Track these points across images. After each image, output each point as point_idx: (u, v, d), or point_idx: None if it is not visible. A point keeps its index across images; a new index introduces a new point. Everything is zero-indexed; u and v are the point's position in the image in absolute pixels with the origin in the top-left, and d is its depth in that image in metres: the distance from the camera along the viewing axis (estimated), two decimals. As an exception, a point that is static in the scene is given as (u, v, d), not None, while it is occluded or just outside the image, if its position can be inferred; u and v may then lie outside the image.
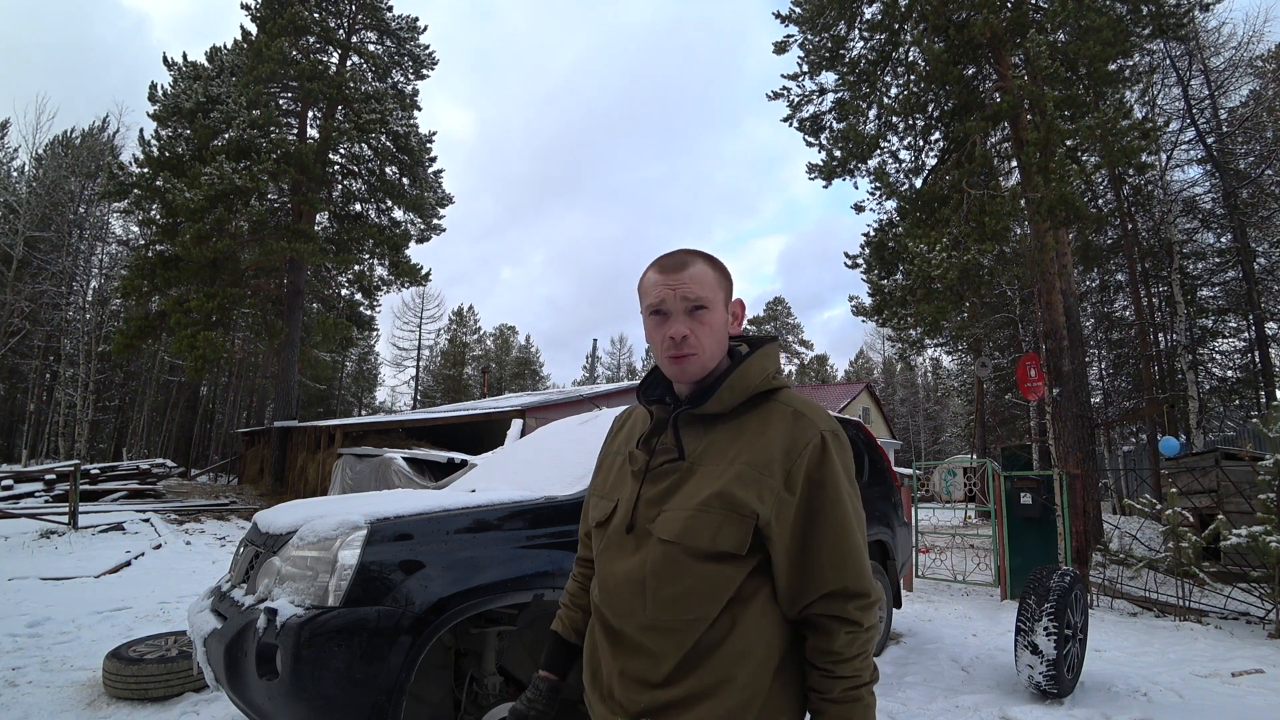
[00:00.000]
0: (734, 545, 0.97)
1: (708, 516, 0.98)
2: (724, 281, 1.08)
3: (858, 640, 0.98)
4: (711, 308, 1.04)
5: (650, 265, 1.08)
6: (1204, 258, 17.44)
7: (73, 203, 27.25)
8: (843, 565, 0.97)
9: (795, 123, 12.72)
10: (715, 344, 1.05)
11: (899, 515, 5.31)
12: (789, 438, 1.00)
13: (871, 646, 1.00)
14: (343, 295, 22.40)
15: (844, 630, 0.97)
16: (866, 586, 0.99)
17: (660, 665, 0.99)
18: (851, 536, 0.99)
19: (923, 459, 43.24)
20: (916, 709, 3.65)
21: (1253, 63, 16.78)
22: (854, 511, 1.00)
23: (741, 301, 1.12)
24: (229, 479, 23.45)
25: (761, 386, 1.05)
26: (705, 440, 1.04)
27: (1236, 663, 4.61)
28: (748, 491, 0.97)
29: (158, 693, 3.48)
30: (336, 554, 2.27)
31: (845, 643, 0.97)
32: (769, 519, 0.97)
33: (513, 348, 56.28)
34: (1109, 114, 8.76)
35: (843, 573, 0.97)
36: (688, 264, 1.04)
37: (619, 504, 1.10)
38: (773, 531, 0.98)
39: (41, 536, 8.57)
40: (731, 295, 1.10)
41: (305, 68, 17.53)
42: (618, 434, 1.25)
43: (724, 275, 1.09)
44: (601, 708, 1.07)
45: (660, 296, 1.03)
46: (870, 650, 1.00)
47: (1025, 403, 17.69)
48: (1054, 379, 9.83)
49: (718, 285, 1.06)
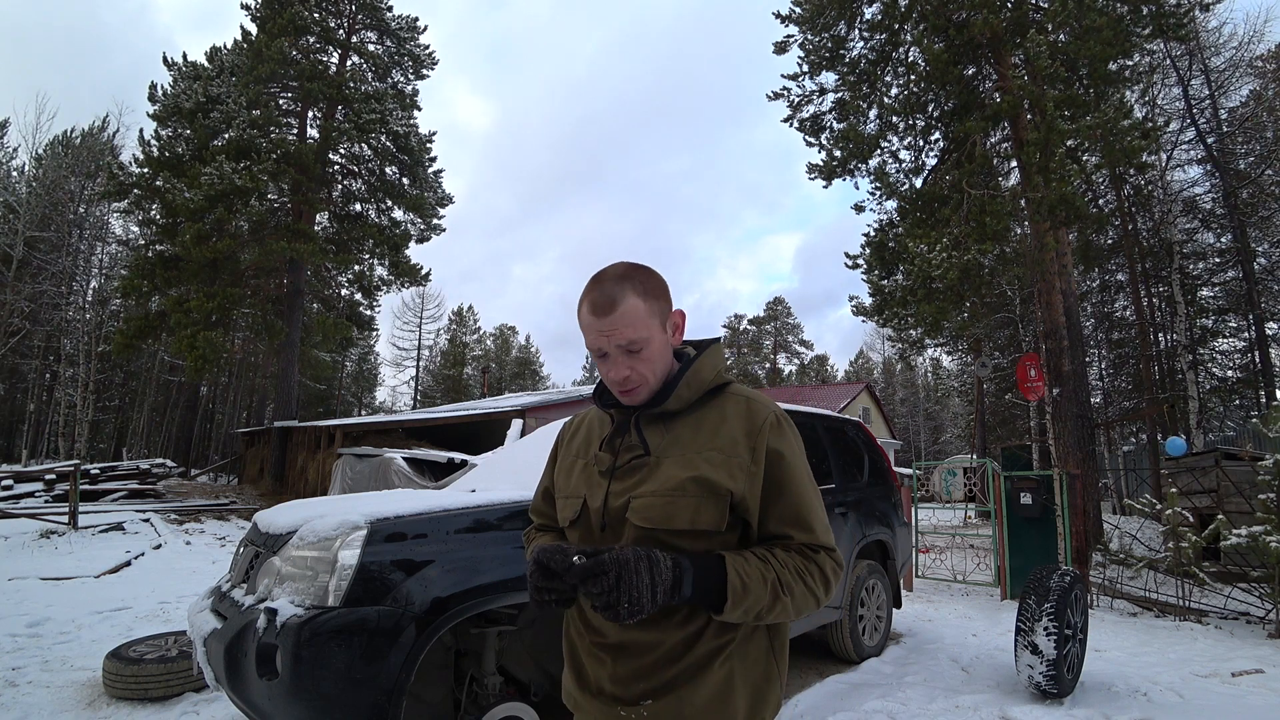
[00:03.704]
0: (712, 523, 1.05)
1: (685, 499, 1.05)
2: (658, 305, 1.09)
3: (809, 572, 1.05)
4: (648, 343, 1.07)
5: (583, 297, 1.09)
6: (1204, 258, 17.43)
7: (73, 203, 27.25)
8: (809, 523, 1.08)
9: (795, 123, 12.72)
10: (659, 368, 1.11)
11: (899, 515, 5.31)
12: (747, 421, 1.10)
13: (820, 591, 1.06)
14: (343, 295, 22.41)
15: (804, 557, 1.07)
16: (831, 541, 1.10)
17: (654, 650, 1.05)
18: (810, 497, 1.10)
19: (923, 459, 43.23)
20: (916, 709, 3.64)
21: (1253, 63, 16.77)
22: (809, 478, 1.12)
23: (681, 312, 1.15)
24: (229, 479, 23.45)
25: (714, 382, 1.15)
26: (668, 435, 1.12)
27: (1236, 663, 4.60)
28: (719, 472, 1.06)
29: (158, 693, 3.48)
30: (336, 554, 2.27)
31: (799, 564, 1.05)
32: (743, 493, 1.06)
33: (513, 348, 56.28)
34: (1109, 114, 8.75)
35: (810, 531, 1.08)
36: (617, 302, 1.04)
37: (586, 502, 1.14)
38: (748, 503, 1.07)
39: (41, 536, 8.56)
40: (670, 309, 1.13)
41: (305, 68, 17.53)
42: (572, 439, 1.28)
43: (657, 298, 1.09)
44: (594, 704, 1.10)
45: (597, 343, 1.07)
46: (814, 594, 1.05)
47: (1025, 403, 17.69)
48: (1054, 379, 9.83)
49: (650, 315, 1.07)
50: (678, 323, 1.15)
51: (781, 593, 1.01)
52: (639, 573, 0.93)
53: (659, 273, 1.13)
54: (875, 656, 4.63)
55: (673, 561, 0.98)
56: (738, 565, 1.00)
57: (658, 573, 0.95)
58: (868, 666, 4.43)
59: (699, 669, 1.05)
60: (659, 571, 0.95)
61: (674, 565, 0.97)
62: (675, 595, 0.97)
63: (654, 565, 0.95)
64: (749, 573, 1.00)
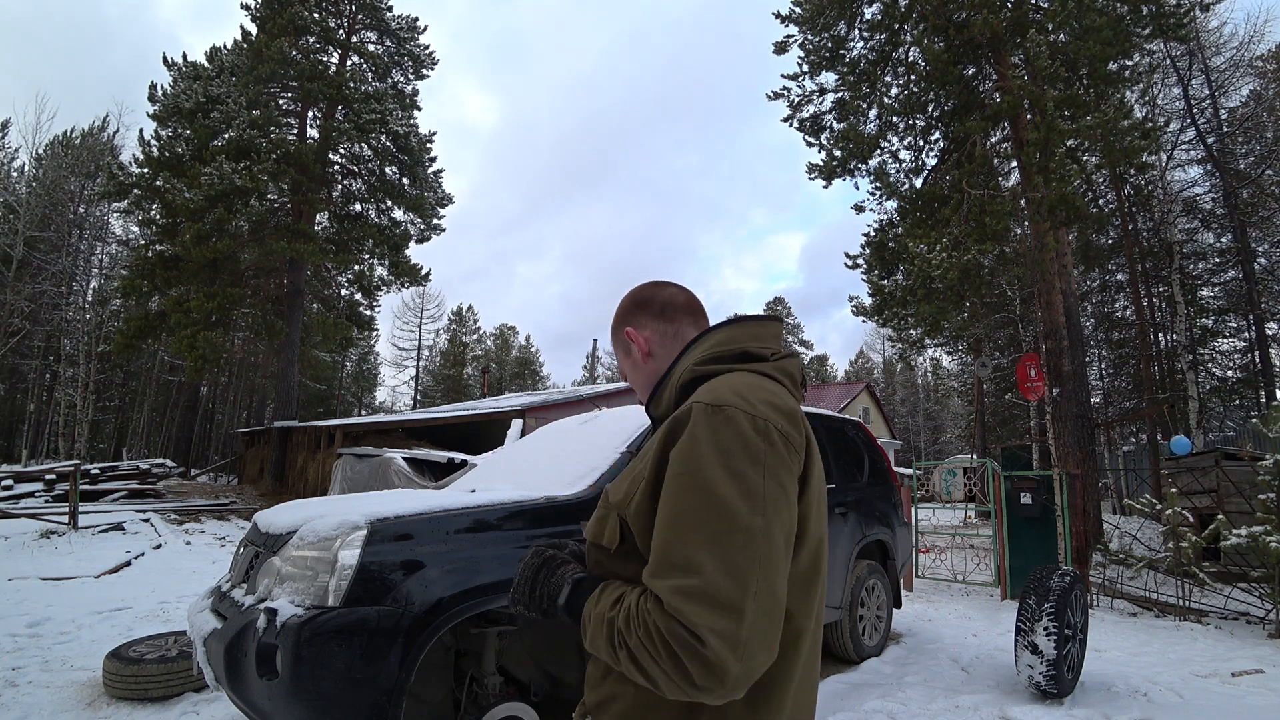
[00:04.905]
0: (608, 539, 0.94)
1: (597, 513, 1.01)
2: (618, 337, 1.17)
3: (637, 625, 0.78)
4: (625, 368, 1.17)
5: None
6: (1204, 258, 17.43)
7: (73, 203, 27.28)
8: (659, 555, 0.81)
9: (795, 123, 12.72)
10: (639, 383, 1.15)
11: (899, 515, 5.31)
12: (670, 419, 0.92)
13: (648, 661, 0.77)
14: (343, 295, 22.41)
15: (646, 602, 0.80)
16: (682, 585, 0.76)
17: (600, 664, 0.97)
18: (680, 519, 0.80)
19: (923, 459, 43.23)
20: (916, 709, 3.64)
21: (1253, 63, 16.78)
22: (701, 494, 0.80)
23: (629, 331, 1.14)
24: (229, 479, 23.44)
25: (685, 378, 1.01)
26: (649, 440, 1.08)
27: (1236, 663, 4.60)
28: (618, 484, 0.98)
29: (158, 693, 3.48)
30: (336, 554, 2.27)
31: (634, 611, 0.80)
32: (625, 507, 0.92)
33: (513, 348, 56.28)
34: (1109, 114, 8.76)
35: (654, 565, 0.81)
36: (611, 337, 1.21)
37: None
38: (629, 519, 0.91)
39: (41, 536, 8.56)
40: (624, 332, 1.15)
41: (305, 68, 17.53)
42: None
43: (616, 329, 1.17)
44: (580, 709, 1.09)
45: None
46: (638, 662, 0.78)
47: (1025, 403, 17.68)
48: (1054, 379, 9.83)
49: (616, 345, 1.19)
50: (630, 340, 1.13)
51: (617, 644, 0.81)
52: (526, 573, 0.96)
53: (629, 293, 1.18)
54: (875, 656, 4.63)
55: (570, 576, 0.94)
56: (602, 595, 0.87)
57: (547, 579, 0.94)
58: (868, 666, 4.43)
59: (609, 701, 0.93)
60: (551, 579, 0.94)
61: (568, 579, 0.94)
62: (555, 607, 0.93)
63: (549, 571, 0.95)
64: (599, 607, 0.86)
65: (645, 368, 1.12)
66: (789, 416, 0.89)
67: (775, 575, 0.80)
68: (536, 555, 0.99)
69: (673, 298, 1.14)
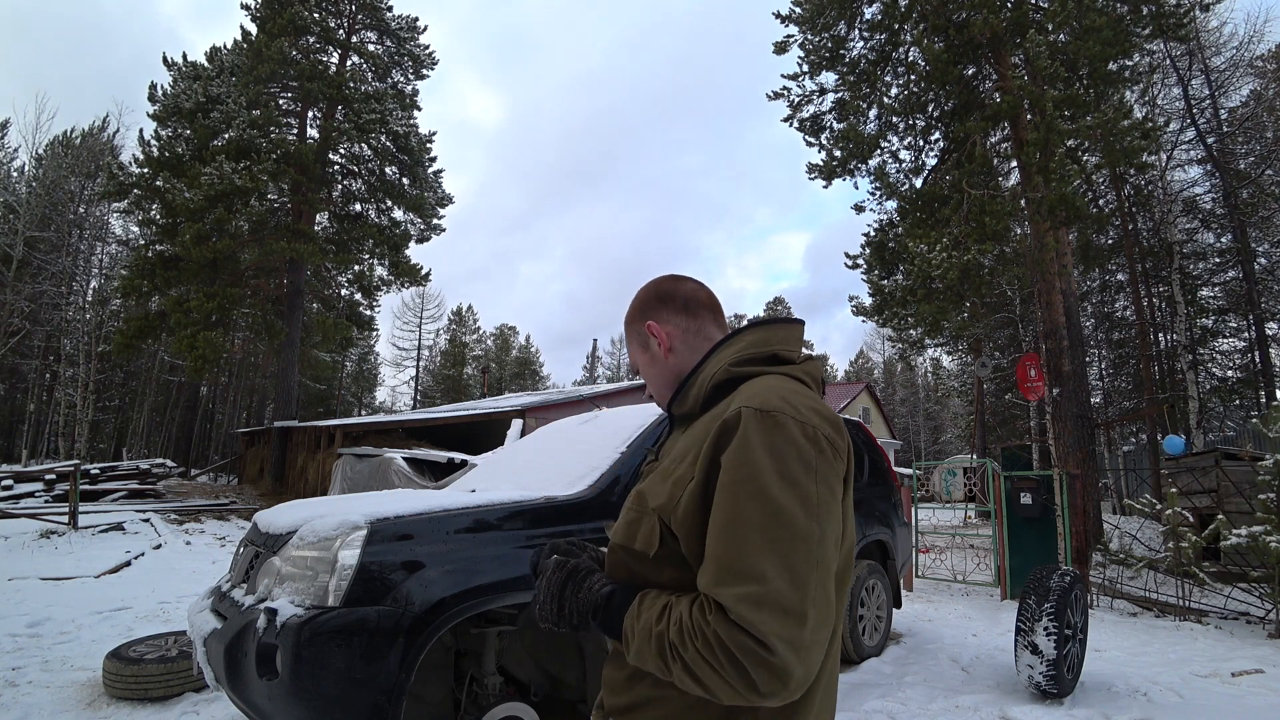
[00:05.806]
0: (644, 544, 0.92)
1: (628, 515, 0.98)
2: (634, 329, 1.14)
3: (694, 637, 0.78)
4: (640, 364, 1.14)
5: None
6: (1204, 258, 17.43)
7: (73, 203, 27.28)
8: (718, 562, 0.80)
9: (795, 123, 12.72)
10: (655, 381, 1.12)
11: (899, 515, 5.31)
12: (712, 421, 0.91)
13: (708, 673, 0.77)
14: (343, 295, 22.41)
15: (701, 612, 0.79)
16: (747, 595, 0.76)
17: (623, 668, 0.95)
18: (738, 528, 0.80)
19: (923, 459, 43.23)
20: (916, 709, 3.64)
21: (1253, 63, 16.78)
22: (759, 502, 0.80)
23: (650, 325, 1.11)
24: (229, 479, 23.43)
25: (721, 378, 0.99)
26: (674, 440, 1.05)
27: (1236, 663, 4.60)
28: (656, 486, 0.95)
29: (158, 693, 3.48)
30: (336, 554, 2.27)
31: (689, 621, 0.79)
32: (670, 511, 0.89)
33: (513, 348, 56.28)
34: (1109, 114, 8.76)
35: (712, 574, 0.80)
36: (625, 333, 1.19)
37: None
38: (676, 525, 0.88)
39: (41, 536, 8.56)
40: (643, 326, 1.12)
41: (305, 68, 17.53)
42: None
43: (632, 323, 1.14)
44: (598, 713, 1.08)
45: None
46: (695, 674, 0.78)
47: (1025, 403, 17.69)
48: (1054, 379, 9.83)
49: (631, 341, 1.15)
50: (650, 334, 1.10)
51: (670, 656, 0.80)
52: (551, 588, 0.91)
53: (643, 288, 1.16)
54: (875, 656, 4.63)
55: (601, 589, 0.90)
56: (643, 607, 0.85)
57: (574, 594, 0.90)
58: (868, 666, 4.43)
59: (639, 705, 0.92)
60: (580, 591, 0.90)
61: (602, 590, 0.90)
62: (589, 622, 0.90)
63: (576, 585, 0.91)
64: (642, 620, 0.84)
65: (666, 363, 1.09)
66: (833, 423, 0.90)
67: (829, 580, 0.83)
68: (559, 568, 0.93)
69: (695, 293, 1.13)
